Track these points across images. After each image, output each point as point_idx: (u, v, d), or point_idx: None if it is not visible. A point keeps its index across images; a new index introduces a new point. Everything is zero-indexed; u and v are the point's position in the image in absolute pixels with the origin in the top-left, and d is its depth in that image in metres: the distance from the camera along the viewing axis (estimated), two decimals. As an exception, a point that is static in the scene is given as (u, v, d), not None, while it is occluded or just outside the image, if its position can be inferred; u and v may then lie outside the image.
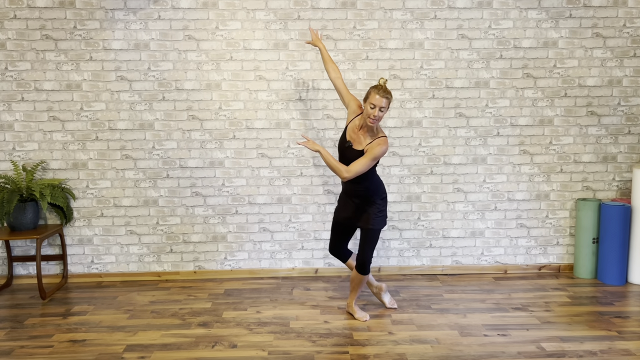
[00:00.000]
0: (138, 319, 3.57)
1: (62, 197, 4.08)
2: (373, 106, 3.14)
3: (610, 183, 4.45)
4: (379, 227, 3.40)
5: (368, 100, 3.17)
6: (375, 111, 3.14)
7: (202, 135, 4.27)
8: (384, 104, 3.14)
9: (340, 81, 3.48)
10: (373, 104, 3.14)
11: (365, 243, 3.39)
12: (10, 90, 4.16)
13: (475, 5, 4.21)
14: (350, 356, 2.99)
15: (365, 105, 3.20)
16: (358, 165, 3.19)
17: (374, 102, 3.14)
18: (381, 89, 3.16)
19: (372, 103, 3.14)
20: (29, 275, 4.35)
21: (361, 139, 3.28)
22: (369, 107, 3.15)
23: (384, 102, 3.14)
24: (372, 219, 3.37)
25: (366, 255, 3.39)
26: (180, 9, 4.14)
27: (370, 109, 3.15)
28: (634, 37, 4.28)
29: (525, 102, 4.33)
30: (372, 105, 3.14)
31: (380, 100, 3.13)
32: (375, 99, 3.13)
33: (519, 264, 4.50)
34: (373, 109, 3.14)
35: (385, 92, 3.16)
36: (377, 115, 3.15)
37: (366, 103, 3.19)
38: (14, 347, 3.16)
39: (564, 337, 3.21)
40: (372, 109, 3.14)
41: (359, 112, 3.35)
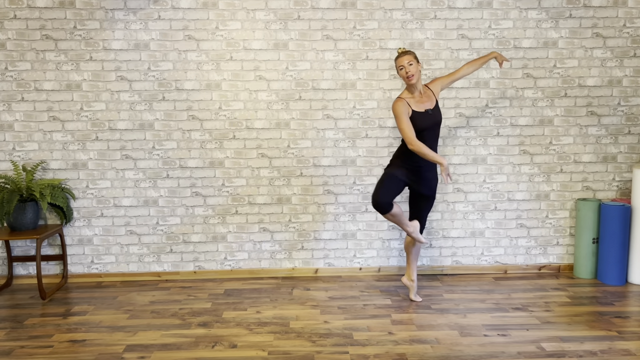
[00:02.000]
0: (138, 319, 3.57)
1: (62, 197, 4.08)
2: (401, 67, 3.39)
3: (610, 183, 4.45)
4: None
5: (397, 67, 3.43)
6: (404, 70, 3.38)
7: (202, 135, 4.27)
8: (408, 60, 3.37)
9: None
10: (401, 66, 3.39)
11: (428, 210, 3.69)
12: (10, 90, 4.16)
13: (475, 5, 4.21)
14: (350, 356, 2.99)
15: (399, 73, 3.44)
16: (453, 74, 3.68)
17: (398, 64, 3.41)
18: (401, 52, 3.43)
19: (398, 66, 3.41)
20: (29, 275, 4.35)
21: (426, 100, 3.50)
22: (399, 71, 3.41)
23: (406, 58, 3.38)
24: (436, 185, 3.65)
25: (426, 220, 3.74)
26: (180, 9, 4.14)
27: (401, 71, 3.40)
28: (634, 37, 4.28)
29: (525, 102, 4.33)
30: (400, 67, 3.40)
31: (403, 59, 3.38)
32: (398, 62, 3.41)
33: (519, 264, 4.50)
34: (402, 69, 3.39)
35: (405, 51, 3.42)
36: (409, 71, 3.37)
37: (398, 73, 3.45)
38: (14, 347, 3.16)
39: (564, 337, 3.21)
40: (402, 69, 3.39)
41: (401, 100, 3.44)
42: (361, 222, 4.41)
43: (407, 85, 3.46)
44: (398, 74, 3.47)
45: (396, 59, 3.42)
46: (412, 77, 3.37)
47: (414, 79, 3.38)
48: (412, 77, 3.37)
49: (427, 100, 3.49)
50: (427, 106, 3.47)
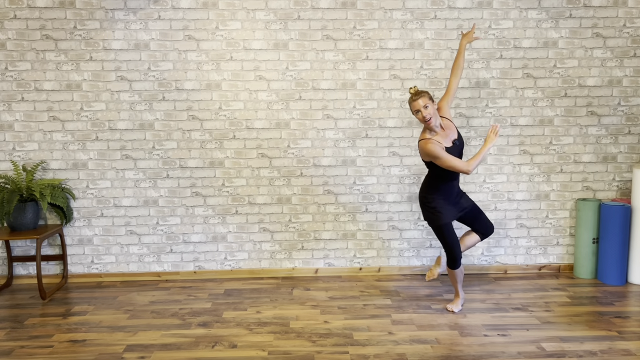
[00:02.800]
0: (138, 319, 3.57)
1: (62, 197, 4.08)
2: (417, 111, 3.32)
3: (610, 183, 4.45)
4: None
5: (413, 110, 3.35)
6: (421, 114, 3.31)
7: (202, 135, 4.27)
8: (424, 103, 3.30)
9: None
10: (417, 110, 3.32)
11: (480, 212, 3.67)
12: (10, 90, 4.16)
13: (475, 5, 4.21)
14: (350, 356, 2.99)
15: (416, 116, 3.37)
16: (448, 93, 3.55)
17: (414, 108, 3.33)
18: (414, 94, 3.34)
19: (416, 109, 3.32)
20: (29, 275, 4.35)
21: (449, 132, 3.45)
22: (416, 114, 3.34)
23: (422, 101, 3.30)
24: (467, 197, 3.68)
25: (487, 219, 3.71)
26: (180, 9, 4.14)
27: (417, 114, 3.33)
28: (634, 37, 4.28)
29: (525, 102, 4.33)
30: (417, 111, 3.32)
31: (418, 103, 3.30)
32: (413, 106, 3.33)
33: (519, 264, 4.50)
34: (419, 113, 3.31)
35: (418, 93, 3.34)
36: (425, 115, 3.30)
37: (415, 115, 3.37)
38: (14, 347, 3.16)
39: (564, 337, 3.21)
40: (419, 113, 3.32)
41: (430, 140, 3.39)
42: (361, 222, 4.41)
43: (425, 127, 3.41)
44: (413, 115, 3.41)
45: (410, 102, 3.33)
46: (431, 120, 3.31)
47: (432, 122, 3.32)
48: (430, 121, 3.31)
49: (450, 131, 3.45)
50: (452, 137, 3.44)
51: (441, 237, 3.52)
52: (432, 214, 3.52)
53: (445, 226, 3.49)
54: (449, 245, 3.51)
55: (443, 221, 3.48)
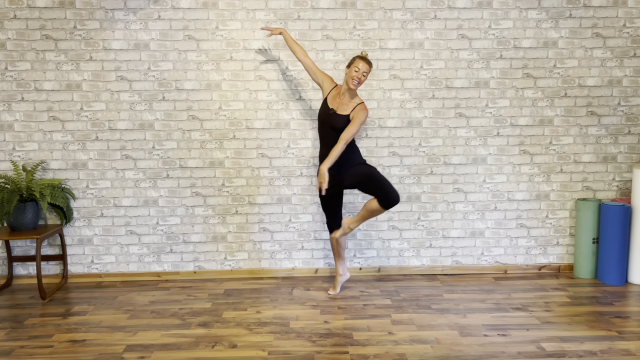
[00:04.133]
0: (138, 319, 3.57)
1: (62, 197, 4.08)
2: (357, 69, 3.52)
3: (610, 183, 4.45)
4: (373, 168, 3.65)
5: (353, 65, 3.54)
6: (359, 74, 3.52)
7: (202, 135, 4.27)
8: (366, 69, 3.54)
9: (309, 60, 3.82)
10: (358, 68, 3.52)
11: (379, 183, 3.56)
12: (10, 90, 4.16)
13: (475, 5, 4.21)
14: (350, 356, 2.99)
15: (348, 70, 3.57)
16: (348, 131, 3.55)
17: (358, 66, 3.52)
18: (364, 57, 3.57)
19: (357, 67, 3.52)
20: (29, 275, 4.35)
21: (344, 104, 3.62)
22: (354, 71, 3.53)
23: (367, 67, 3.54)
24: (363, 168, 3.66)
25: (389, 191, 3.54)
26: (180, 9, 4.14)
27: (355, 72, 3.52)
28: (634, 37, 4.28)
29: (525, 102, 4.33)
30: (357, 69, 3.52)
31: (364, 65, 3.53)
32: (360, 64, 3.53)
33: (519, 264, 4.50)
34: (357, 72, 3.52)
35: (368, 61, 3.57)
36: (360, 78, 3.53)
37: (350, 68, 3.56)
38: (14, 347, 3.16)
39: (564, 337, 3.21)
40: (357, 72, 3.52)
41: (334, 85, 3.74)
42: (361, 222, 4.41)
43: (345, 83, 3.59)
44: (347, 68, 3.58)
45: (358, 59, 3.53)
46: (356, 85, 3.55)
47: (355, 87, 3.57)
48: (356, 84, 3.55)
49: (343, 107, 3.62)
50: (337, 108, 3.62)
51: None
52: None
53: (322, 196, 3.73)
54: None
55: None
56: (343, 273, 4.00)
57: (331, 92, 3.71)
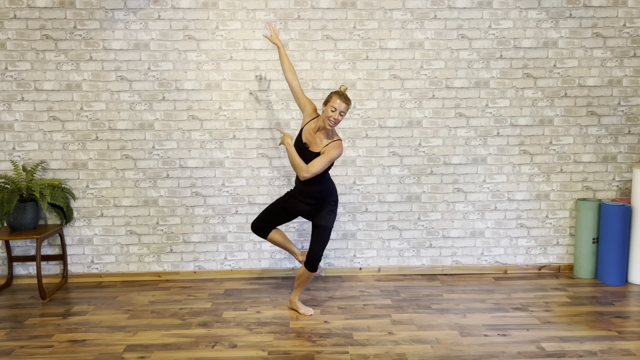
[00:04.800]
0: (138, 319, 3.57)
1: (62, 197, 4.08)
2: (334, 109, 3.25)
3: (610, 183, 4.45)
4: (331, 225, 3.50)
5: (329, 104, 3.27)
6: (335, 114, 3.25)
7: (202, 135, 4.27)
8: (344, 109, 3.27)
9: (297, 82, 3.56)
10: (334, 107, 3.25)
11: (318, 240, 3.47)
12: (10, 90, 4.16)
13: (475, 5, 4.21)
14: (350, 356, 2.99)
15: (325, 108, 3.30)
16: (315, 165, 3.30)
17: (335, 105, 3.25)
18: (342, 95, 3.29)
19: (333, 106, 3.26)
20: (29, 275, 4.35)
21: (317, 142, 3.38)
22: (330, 110, 3.26)
23: (344, 107, 3.27)
24: (326, 216, 3.47)
25: (318, 252, 3.47)
26: (180, 9, 4.14)
27: (331, 112, 3.26)
28: (634, 37, 4.28)
29: (525, 102, 4.33)
30: (333, 109, 3.25)
31: (341, 104, 3.26)
32: (336, 103, 3.26)
33: (519, 264, 4.50)
34: (334, 112, 3.26)
35: (346, 98, 3.30)
36: (337, 119, 3.27)
37: (327, 106, 3.29)
38: (14, 347, 3.16)
39: (564, 337, 3.21)
40: (333, 112, 3.26)
41: (314, 116, 3.44)
42: (361, 222, 4.41)
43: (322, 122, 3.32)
44: (323, 106, 3.31)
45: (335, 97, 3.26)
46: (333, 125, 3.29)
47: (332, 127, 3.30)
48: (333, 125, 3.29)
49: (318, 143, 3.37)
50: (310, 144, 3.38)
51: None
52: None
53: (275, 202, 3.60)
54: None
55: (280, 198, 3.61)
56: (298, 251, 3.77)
57: (309, 123, 3.41)
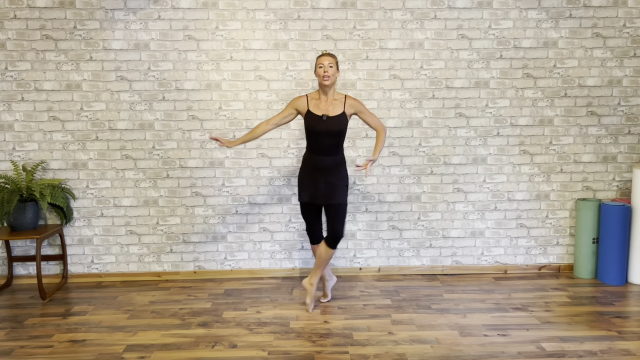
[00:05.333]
0: (138, 319, 3.57)
1: (62, 197, 4.08)
2: (321, 65, 3.40)
3: (610, 183, 4.45)
4: (346, 202, 3.56)
5: (317, 66, 3.44)
6: (324, 68, 3.39)
7: (202, 135, 4.27)
8: (329, 61, 3.40)
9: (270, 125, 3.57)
10: (322, 64, 3.40)
11: (338, 219, 3.51)
12: (10, 90, 4.16)
13: (475, 5, 4.21)
14: (350, 356, 2.99)
15: (316, 73, 3.45)
16: (374, 118, 3.56)
17: (322, 62, 3.41)
18: (323, 53, 3.46)
19: (319, 64, 3.42)
20: (29, 275, 4.35)
21: (329, 107, 3.47)
22: (318, 68, 3.42)
23: (327, 59, 3.41)
24: (342, 193, 3.51)
25: (340, 230, 3.53)
26: (180, 9, 4.14)
27: (319, 69, 3.41)
28: (634, 37, 4.28)
29: (525, 102, 4.33)
30: (320, 65, 3.41)
31: (324, 58, 3.41)
32: (321, 60, 3.41)
33: (519, 264, 4.50)
34: (321, 67, 3.40)
35: (328, 53, 3.45)
36: (327, 71, 3.39)
37: (316, 70, 3.45)
38: (14, 347, 3.16)
39: (564, 337, 3.21)
40: (321, 68, 3.40)
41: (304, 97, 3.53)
42: (361, 222, 4.41)
43: (319, 86, 3.47)
44: (315, 72, 3.47)
45: (318, 58, 3.43)
46: (327, 79, 3.38)
47: (328, 81, 3.38)
48: (327, 78, 3.38)
49: (331, 107, 3.45)
50: (327, 112, 3.44)
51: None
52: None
53: (301, 205, 3.62)
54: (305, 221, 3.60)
55: (299, 199, 3.59)
56: (330, 278, 3.88)
57: (309, 103, 3.49)
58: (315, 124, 3.44)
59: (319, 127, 3.44)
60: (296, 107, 3.52)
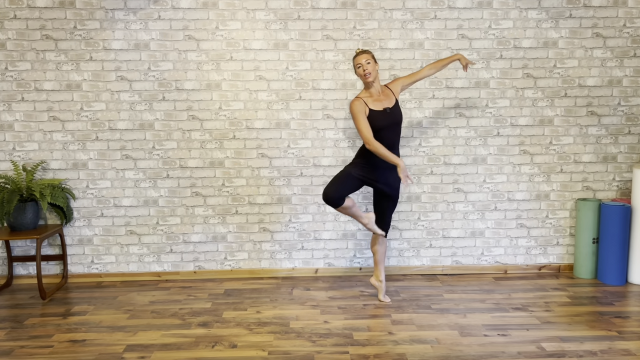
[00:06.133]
0: (138, 319, 3.57)
1: (62, 197, 4.08)
2: (359, 65, 3.42)
3: (610, 183, 4.45)
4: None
5: (354, 67, 3.47)
6: (363, 67, 3.41)
7: (202, 135, 4.27)
8: (365, 58, 3.41)
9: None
10: (360, 63, 3.42)
11: (392, 209, 3.70)
12: (10, 90, 4.16)
13: (475, 5, 4.21)
14: (350, 356, 2.99)
15: (356, 74, 3.48)
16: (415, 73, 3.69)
17: (356, 62, 3.44)
18: (357, 52, 3.47)
19: (356, 64, 3.44)
20: (29, 275, 4.35)
21: (384, 99, 3.51)
22: (357, 69, 3.45)
23: (363, 56, 3.42)
24: (399, 184, 3.63)
25: (390, 220, 3.74)
26: (180, 9, 4.14)
27: (358, 69, 3.44)
28: (634, 37, 4.28)
29: (525, 102, 4.33)
30: (358, 65, 3.43)
31: (359, 57, 3.43)
32: (357, 59, 3.44)
33: (519, 264, 4.50)
34: (360, 67, 3.42)
35: (361, 51, 3.46)
36: (366, 69, 3.40)
37: (356, 72, 3.48)
38: (14, 347, 3.16)
39: (564, 337, 3.21)
40: (359, 67, 3.43)
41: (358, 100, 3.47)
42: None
43: (364, 85, 3.49)
44: (355, 73, 3.49)
45: (354, 58, 3.45)
46: (369, 76, 3.40)
47: (370, 77, 3.41)
48: (368, 76, 3.40)
49: (386, 99, 3.51)
50: (385, 105, 3.49)
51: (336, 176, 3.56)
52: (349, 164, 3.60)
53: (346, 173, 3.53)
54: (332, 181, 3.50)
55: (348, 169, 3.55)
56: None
57: (367, 102, 3.45)
58: (380, 119, 3.45)
59: (386, 121, 3.46)
60: (364, 111, 3.43)
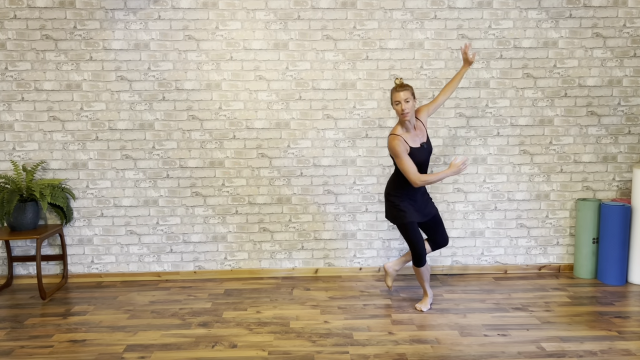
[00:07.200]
0: (138, 319, 3.57)
1: (62, 197, 4.08)
2: (397, 102, 3.32)
3: (610, 183, 4.45)
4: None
5: (393, 102, 3.36)
6: (400, 106, 3.32)
7: (202, 135, 4.27)
8: (405, 97, 3.32)
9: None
10: (398, 101, 3.32)
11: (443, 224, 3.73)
12: (10, 90, 4.16)
13: (475, 5, 4.21)
14: (350, 356, 2.99)
15: (394, 109, 3.38)
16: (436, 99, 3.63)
17: (395, 98, 3.33)
18: (397, 86, 3.35)
19: (396, 100, 3.33)
20: (29, 275, 4.35)
21: (419, 134, 3.47)
22: (395, 105, 3.35)
23: (403, 94, 3.31)
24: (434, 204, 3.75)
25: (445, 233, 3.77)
26: (180, 9, 4.14)
27: (397, 106, 3.34)
28: (634, 37, 4.28)
29: (525, 102, 4.33)
30: (397, 102, 3.33)
31: (399, 94, 3.31)
32: (396, 96, 3.33)
33: (519, 264, 4.50)
34: (399, 105, 3.32)
35: (402, 86, 3.35)
36: (405, 108, 3.31)
37: (393, 106, 3.38)
38: (14, 347, 3.16)
39: (564, 337, 3.21)
40: (397, 105, 3.33)
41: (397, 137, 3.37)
42: (361, 222, 4.41)
43: (400, 120, 3.40)
44: (392, 106, 3.44)
45: (393, 91, 3.34)
46: (407, 115, 3.32)
47: (408, 117, 3.33)
48: (407, 115, 3.32)
49: (420, 133, 3.47)
50: (421, 139, 3.46)
51: (406, 236, 3.53)
52: (396, 212, 3.53)
53: (410, 225, 3.49)
54: (414, 243, 3.51)
55: (407, 219, 3.49)
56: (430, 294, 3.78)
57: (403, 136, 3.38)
58: (419, 155, 3.42)
59: (424, 156, 3.45)
60: (406, 150, 3.38)
